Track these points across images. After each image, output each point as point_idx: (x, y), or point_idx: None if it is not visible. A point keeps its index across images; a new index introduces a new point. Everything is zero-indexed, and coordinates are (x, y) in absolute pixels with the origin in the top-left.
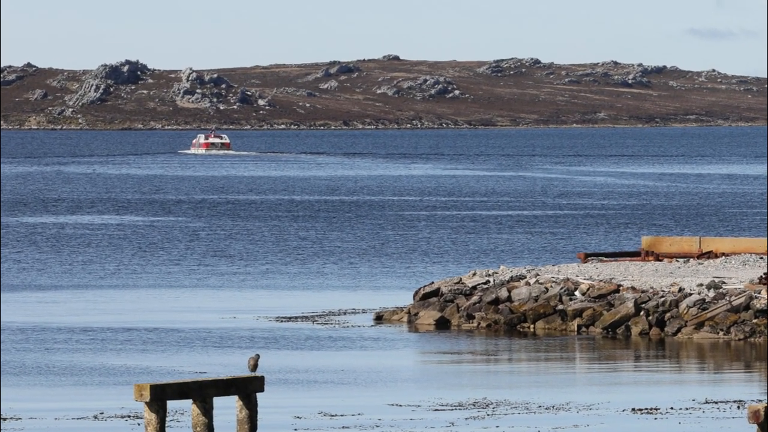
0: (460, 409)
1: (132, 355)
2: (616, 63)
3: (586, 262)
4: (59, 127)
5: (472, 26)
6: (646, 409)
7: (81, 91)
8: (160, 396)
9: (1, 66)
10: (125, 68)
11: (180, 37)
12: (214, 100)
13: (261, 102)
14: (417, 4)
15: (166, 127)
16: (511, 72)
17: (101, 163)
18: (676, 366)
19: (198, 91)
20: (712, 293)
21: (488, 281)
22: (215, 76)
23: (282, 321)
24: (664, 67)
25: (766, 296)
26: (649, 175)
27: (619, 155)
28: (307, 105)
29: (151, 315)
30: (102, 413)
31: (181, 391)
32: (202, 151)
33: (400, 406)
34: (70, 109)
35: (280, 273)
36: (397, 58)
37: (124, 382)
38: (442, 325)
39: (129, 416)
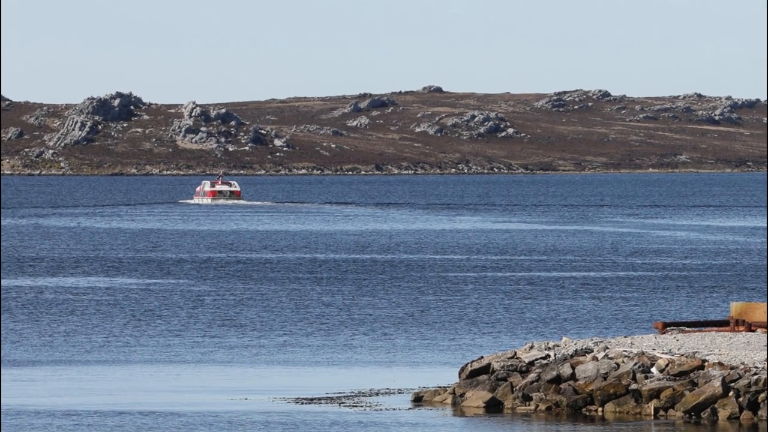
0: None
1: None
2: (700, 96)
3: (664, 333)
4: (37, 172)
5: (529, 52)
6: None
7: (63, 129)
8: None
9: None
10: (116, 102)
11: (181, 65)
12: (222, 140)
13: (277, 142)
14: (462, 27)
15: (164, 172)
16: (575, 106)
17: (87, 215)
18: None
19: (203, 129)
20: None
21: (548, 356)
22: (223, 111)
23: (302, 403)
24: (757, 100)
25: None
26: (739, 229)
27: (704, 206)
28: (333, 146)
29: (146, 396)
30: None
31: None
32: (207, 200)
33: None
34: (51, 151)
35: (300, 346)
36: (439, 89)
37: None
38: (494, 407)
39: None
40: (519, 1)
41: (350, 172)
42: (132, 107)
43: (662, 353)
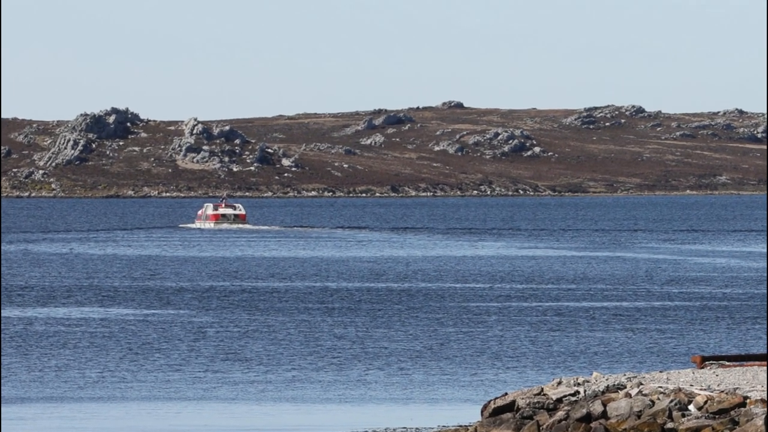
0: None
1: None
2: (741, 112)
3: (702, 368)
4: (26, 194)
5: (557, 65)
6: None
7: (54, 148)
8: None
9: None
10: (111, 118)
11: (181, 79)
12: (226, 159)
13: (285, 162)
14: (485, 38)
15: (163, 195)
16: (607, 123)
17: (81, 241)
18: None
19: (205, 147)
20: None
21: (577, 392)
22: (227, 128)
23: None
24: None
25: None
26: None
27: (745, 230)
28: (345, 166)
29: None
30: None
31: None
32: (210, 225)
33: None
34: (41, 171)
35: (310, 381)
36: (460, 105)
37: None
38: None
39: None
40: (546, 10)
41: (364, 195)
42: (128, 124)
43: (700, 389)
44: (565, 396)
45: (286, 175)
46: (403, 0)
